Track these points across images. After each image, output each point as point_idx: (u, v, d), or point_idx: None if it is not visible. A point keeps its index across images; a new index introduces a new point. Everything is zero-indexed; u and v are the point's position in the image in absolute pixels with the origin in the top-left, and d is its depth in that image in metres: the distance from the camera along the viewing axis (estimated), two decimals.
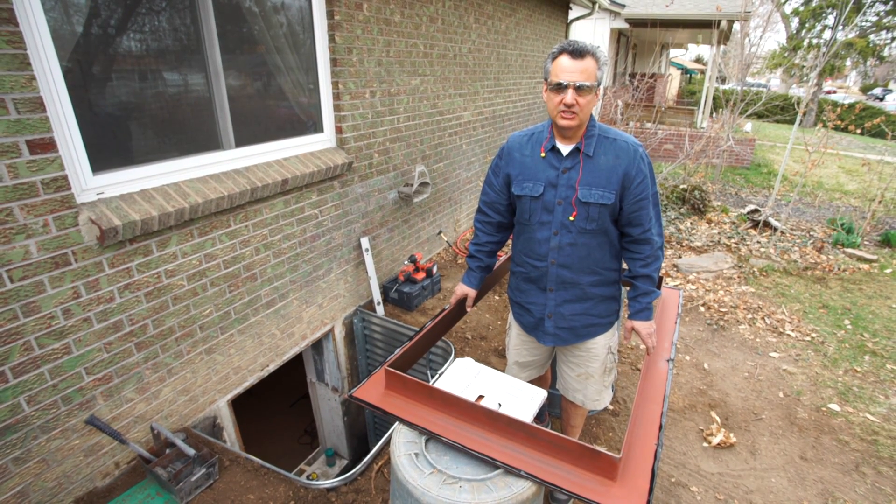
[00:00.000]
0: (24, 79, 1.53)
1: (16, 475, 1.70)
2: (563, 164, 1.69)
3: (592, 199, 1.66)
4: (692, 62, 27.10)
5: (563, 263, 1.76)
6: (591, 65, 1.54)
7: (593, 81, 1.55)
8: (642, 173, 1.66)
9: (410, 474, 1.32)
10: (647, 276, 1.77)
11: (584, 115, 1.59)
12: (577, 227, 1.70)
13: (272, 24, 2.53)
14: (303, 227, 2.77)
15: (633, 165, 1.64)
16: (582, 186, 1.66)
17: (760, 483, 2.46)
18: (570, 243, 1.73)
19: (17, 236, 1.57)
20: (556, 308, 1.85)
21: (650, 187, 1.69)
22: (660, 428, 1.48)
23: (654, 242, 1.74)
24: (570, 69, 1.53)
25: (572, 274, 1.78)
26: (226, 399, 2.51)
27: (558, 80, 1.55)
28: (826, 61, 8.11)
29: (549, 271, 1.79)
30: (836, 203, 7.79)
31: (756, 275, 4.84)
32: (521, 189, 1.76)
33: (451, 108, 4.20)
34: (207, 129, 2.29)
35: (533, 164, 1.74)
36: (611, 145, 1.67)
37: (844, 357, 3.53)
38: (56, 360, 1.74)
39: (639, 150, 1.67)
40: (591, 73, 1.54)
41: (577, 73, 1.52)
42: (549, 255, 1.77)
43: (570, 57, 1.54)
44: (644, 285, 1.79)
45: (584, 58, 1.53)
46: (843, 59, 18.81)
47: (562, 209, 1.70)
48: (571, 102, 1.54)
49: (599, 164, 1.66)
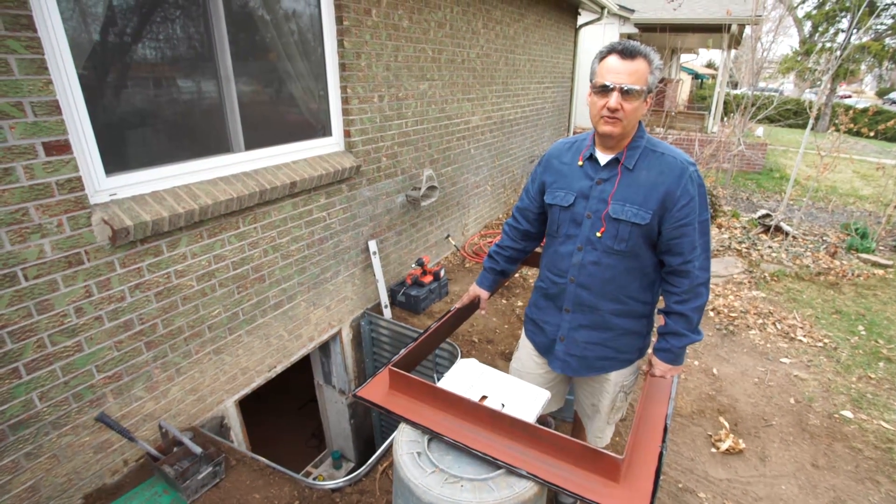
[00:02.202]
0: (41, 83, 1.57)
1: (27, 470, 1.73)
2: (598, 174, 1.55)
3: (624, 217, 1.50)
4: (703, 67, 26.94)
5: (582, 283, 1.62)
6: (643, 67, 1.39)
7: (643, 85, 1.40)
8: (689, 195, 1.47)
9: (412, 473, 1.32)
10: (680, 315, 1.57)
11: (630, 122, 1.45)
12: (604, 244, 1.55)
13: (282, 30, 2.58)
14: (311, 230, 2.80)
15: (678, 185, 1.46)
16: (615, 201, 1.51)
17: (770, 490, 2.43)
18: (593, 262, 1.59)
19: (32, 235, 1.62)
20: (569, 331, 1.70)
21: (698, 213, 1.49)
22: (664, 430, 1.47)
23: (694, 276, 1.52)
24: (617, 70, 1.39)
25: (591, 296, 1.63)
26: (233, 399, 2.54)
27: (603, 82, 1.41)
28: (839, 64, 8.02)
29: (566, 289, 1.66)
30: (850, 208, 7.68)
31: (767, 280, 4.79)
32: (553, 198, 1.64)
33: (459, 113, 4.22)
34: (218, 132, 2.33)
35: (570, 172, 1.62)
36: (657, 160, 1.50)
37: (858, 363, 3.47)
38: (68, 358, 1.78)
39: (689, 169, 1.48)
40: (642, 75, 1.39)
41: (625, 75, 1.38)
42: (569, 271, 1.64)
43: (619, 57, 1.40)
44: (675, 324, 1.58)
45: (634, 58, 1.39)
46: (858, 62, 18.58)
47: (590, 223, 1.56)
48: (615, 107, 1.40)
49: (639, 179, 1.50)
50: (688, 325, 1.57)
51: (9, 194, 1.55)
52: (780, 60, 20.19)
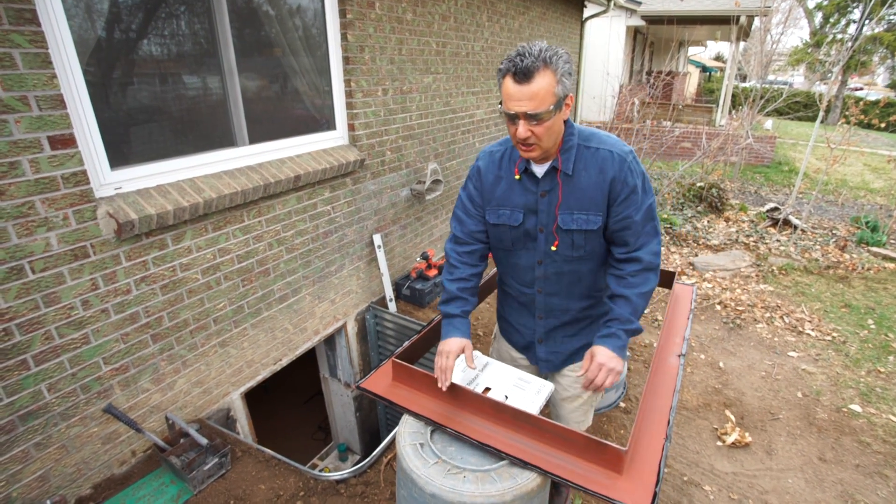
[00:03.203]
0: (45, 77, 1.58)
1: (37, 460, 1.75)
2: (539, 187, 1.45)
3: (575, 226, 1.43)
4: (711, 60, 26.65)
5: (550, 292, 1.57)
6: (545, 83, 1.23)
7: (548, 106, 1.25)
8: (629, 187, 1.40)
9: (415, 463, 1.33)
10: (626, 299, 1.45)
11: (547, 141, 1.34)
12: (562, 255, 1.49)
13: (286, 24, 2.57)
14: (315, 224, 2.80)
15: (618, 179, 1.39)
16: (562, 212, 1.43)
17: (776, 483, 2.41)
18: (556, 272, 1.53)
19: (38, 229, 1.63)
20: (546, 333, 1.67)
21: (641, 200, 1.42)
22: (668, 422, 1.46)
23: (641, 261, 1.44)
24: (516, 97, 1.25)
25: (561, 301, 1.59)
26: (239, 392, 2.56)
27: (506, 110, 1.29)
28: (850, 55, 7.90)
29: (536, 299, 1.61)
30: (860, 201, 7.59)
31: (775, 273, 4.74)
32: (498, 217, 1.52)
33: (463, 106, 4.20)
34: (222, 126, 2.34)
35: (508, 188, 1.49)
36: (592, 157, 1.41)
37: (867, 357, 3.44)
38: (75, 350, 1.80)
39: (626, 159, 1.40)
40: (546, 95, 1.24)
41: (525, 101, 1.24)
42: (534, 283, 1.58)
43: (514, 80, 1.24)
44: (621, 309, 1.45)
45: (531, 79, 1.22)
46: (870, 54, 18.29)
47: (544, 237, 1.49)
48: (524, 136, 1.30)
49: (581, 183, 1.41)
50: (632, 309, 1.45)
51: (15, 188, 1.56)
52: (789, 52, 19.92)
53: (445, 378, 1.46)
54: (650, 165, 7.50)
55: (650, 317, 3.96)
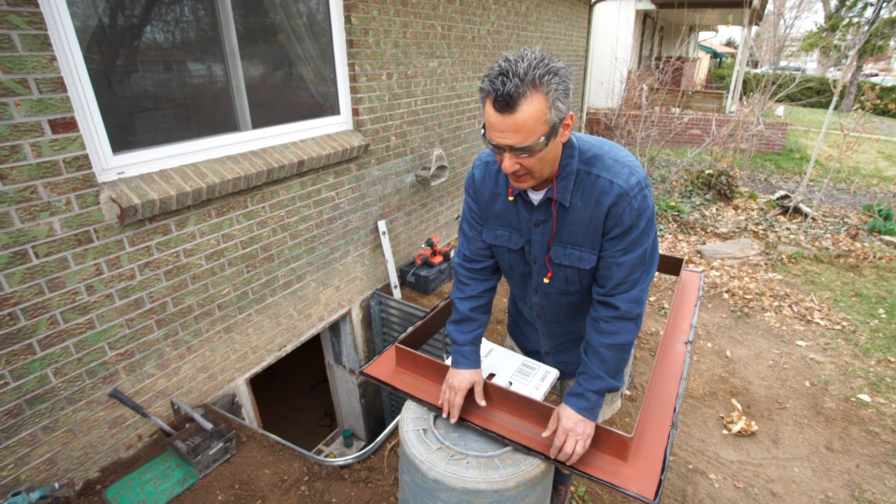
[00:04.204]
0: (45, 59, 1.56)
1: (45, 443, 1.77)
2: (534, 216, 1.28)
3: (567, 262, 1.28)
4: (723, 46, 26.16)
5: (549, 319, 1.50)
6: (532, 112, 1.00)
7: (538, 137, 1.03)
8: (622, 224, 1.17)
9: (418, 449, 1.32)
10: (593, 351, 1.27)
11: (542, 171, 1.13)
12: (557, 288, 1.36)
13: (289, 7, 2.53)
14: (319, 209, 2.78)
15: (613, 216, 1.17)
16: (556, 244, 1.28)
17: (782, 472, 2.40)
18: (552, 304, 1.43)
19: (41, 213, 1.62)
20: (552, 348, 1.62)
21: (636, 241, 1.20)
22: (675, 410, 1.44)
23: (617, 308, 1.24)
24: (498, 127, 1.04)
25: (562, 325, 1.51)
26: (244, 377, 2.57)
27: (490, 140, 1.09)
28: (866, 39, 7.70)
29: (537, 322, 1.55)
30: (873, 189, 7.46)
31: (784, 262, 4.69)
32: (496, 238, 1.38)
33: (469, 91, 4.15)
34: (224, 110, 2.31)
35: (504, 208, 1.33)
36: (591, 186, 1.18)
37: (877, 347, 3.39)
38: (81, 335, 1.80)
39: (629, 194, 1.15)
40: (534, 125, 1.02)
41: (510, 134, 1.03)
42: (534, 308, 1.50)
43: (496, 110, 1.03)
44: (589, 363, 1.28)
45: (514, 109, 1.00)
46: (887, 38, 17.85)
47: (537, 268, 1.36)
48: (513, 169, 1.10)
49: (576, 216, 1.22)
50: (603, 366, 1.27)
51: (17, 172, 1.55)
52: (803, 37, 19.50)
53: (454, 415, 1.37)
54: (658, 152, 7.40)
55: (657, 305, 3.93)
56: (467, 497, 1.24)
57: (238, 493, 1.91)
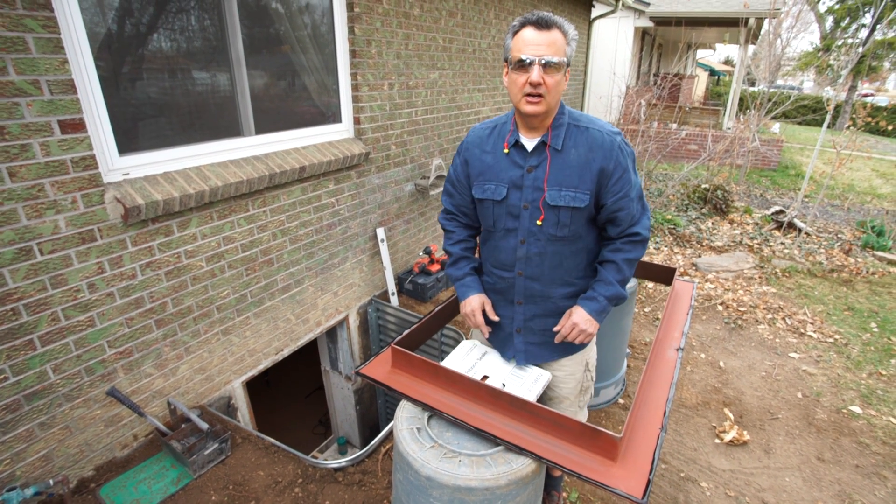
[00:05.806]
0: (57, 62, 1.61)
1: (41, 439, 1.78)
2: (528, 161, 1.46)
3: (563, 203, 1.43)
4: (720, 64, 26.52)
5: (531, 275, 1.55)
6: (560, 38, 1.33)
7: (562, 57, 1.33)
8: (621, 167, 1.42)
9: (411, 447, 1.34)
10: (611, 263, 1.51)
11: (553, 99, 1.37)
12: (546, 233, 1.48)
13: (294, 17, 2.60)
14: (319, 215, 2.82)
15: (610, 159, 1.41)
16: (550, 187, 1.43)
17: (774, 482, 2.41)
18: (538, 252, 1.51)
19: (47, 211, 1.66)
20: (524, 322, 1.62)
21: (633, 181, 1.46)
22: (665, 413, 1.47)
23: (638, 234, 1.50)
24: (534, 42, 1.31)
25: (542, 286, 1.56)
26: (241, 380, 2.58)
27: (521, 56, 1.32)
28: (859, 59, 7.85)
29: (515, 283, 1.58)
30: (867, 206, 7.54)
31: (778, 275, 4.73)
32: (483, 192, 1.53)
33: (469, 103, 4.22)
34: (229, 116, 2.36)
35: (495, 161, 1.51)
36: (583, 136, 1.43)
37: (869, 360, 3.43)
38: (81, 332, 1.83)
39: (616, 140, 1.43)
40: (560, 46, 1.32)
41: (544, 47, 1.30)
42: (515, 265, 1.56)
43: (535, 28, 1.32)
44: (604, 271, 1.51)
45: (550, 29, 1.32)
46: (881, 59, 18.15)
47: (528, 214, 1.48)
48: (538, 81, 1.31)
49: (570, 160, 1.43)
50: (618, 274, 1.50)
51: (25, 170, 1.59)
52: (798, 57, 19.80)
53: (484, 330, 1.66)
54: (655, 166, 7.49)
55: (651, 315, 3.96)
56: (459, 494, 1.27)
57: (232, 494, 1.91)
